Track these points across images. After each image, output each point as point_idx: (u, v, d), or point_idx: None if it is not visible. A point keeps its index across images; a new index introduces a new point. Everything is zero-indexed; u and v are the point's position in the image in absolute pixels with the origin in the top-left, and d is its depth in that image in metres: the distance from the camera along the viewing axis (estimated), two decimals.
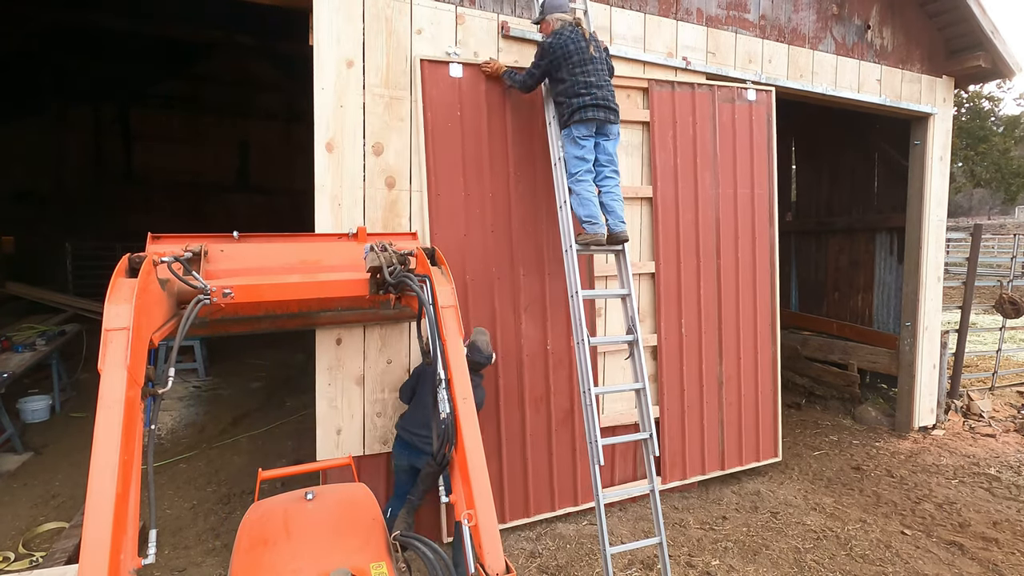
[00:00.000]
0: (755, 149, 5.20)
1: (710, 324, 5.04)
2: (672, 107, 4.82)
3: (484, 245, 4.17)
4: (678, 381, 4.92)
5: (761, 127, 5.23)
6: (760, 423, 5.33)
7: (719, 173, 5.03)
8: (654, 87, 4.74)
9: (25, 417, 6.22)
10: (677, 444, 4.92)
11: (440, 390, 2.39)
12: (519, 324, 4.27)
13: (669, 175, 4.82)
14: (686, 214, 4.90)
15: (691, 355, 4.96)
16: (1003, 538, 4.39)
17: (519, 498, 4.30)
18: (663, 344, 4.85)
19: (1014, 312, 7.82)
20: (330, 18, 3.73)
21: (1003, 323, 8.33)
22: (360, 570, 1.99)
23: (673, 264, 4.87)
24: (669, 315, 4.88)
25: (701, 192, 4.95)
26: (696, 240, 4.96)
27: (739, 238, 5.14)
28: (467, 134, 4.10)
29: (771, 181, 5.30)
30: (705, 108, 4.96)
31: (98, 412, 1.68)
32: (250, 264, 2.92)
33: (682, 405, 4.94)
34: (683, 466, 4.95)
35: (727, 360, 5.12)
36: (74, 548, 3.71)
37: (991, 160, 23.86)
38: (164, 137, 14.05)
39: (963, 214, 39.55)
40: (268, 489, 4.43)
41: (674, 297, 4.89)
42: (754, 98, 5.16)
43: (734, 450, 5.21)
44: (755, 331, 5.27)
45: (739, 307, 5.16)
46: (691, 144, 4.90)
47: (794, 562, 4.02)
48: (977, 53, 6.02)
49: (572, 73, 3.73)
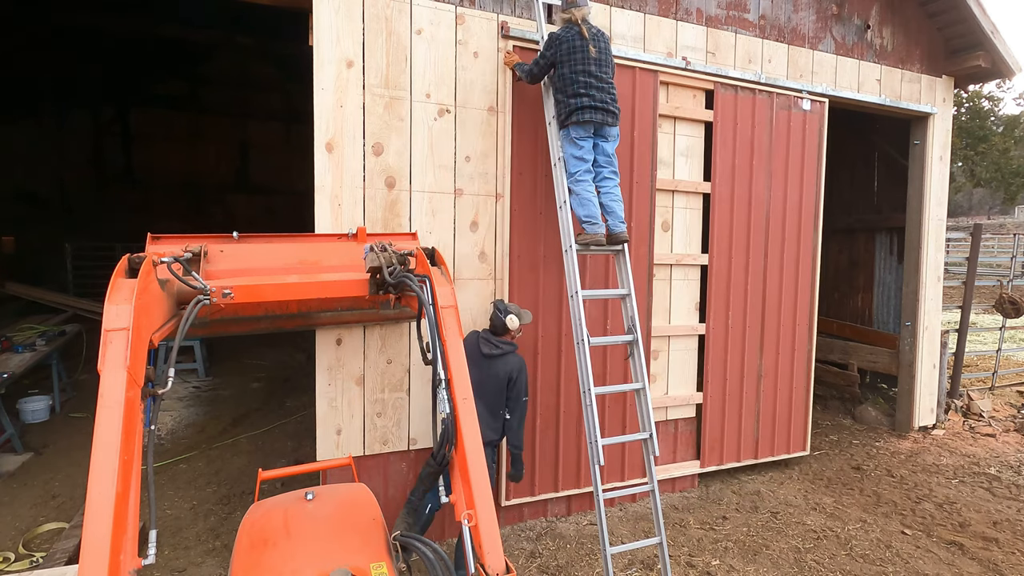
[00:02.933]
0: (806, 156, 5.49)
1: (754, 318, 5.31)
2: (734, 110, 5.09)
3: (535, 227, 4.37)
4: (721, 371, 5.20)
5: (813, 136, 5.52)
6: (792, 417, 5.61)
7: (772, 175, 5.31)
8: (719, 89, 5.01)
9: (25, 417, 6.22)
10: (717, 430, 5.20)
11: (440, 390, 2.39)
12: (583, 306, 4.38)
13: (727, 174, 5.09)
14: (739, 212, 5.16)
15: (734, 347, 5.24)
16: (1003, 538, 4.39)
17: (571, 471, 4.57)
18: (710, 334, 5.12)
19: (1014, 312, 7.82)
20: (330, 18, 3.73)
21: (1003, 323, 8.33)
22: (360, 570, 1.99)
23: (724, 259, 5.13)
24: (717, 307, 5.14)
25: (754, 192, 5.23)
26: (747, 237, 5.21)
27: (785, 239, 5.41)
28: (540, 127, 4.29)
29: (819, 187, 5.59)
30: (763, 113, 5.24)
31: (98, 412, 1.68)
32: (250, 264, 2.92)
33: (724, 394, 5.21)
34: (721, 452, 5.24)
35: (767, 354, 5.41)
36: (74, 548, 3.72)
37: (991, 160, 23.89)
38: (164, 137, 14.06)
39: (963, 214, 39.56)
40: (268, 489, 4.43)
41: (723, 290, 5.15)
42: (808, 108, 5.46)
43: (767, 441, 5.48)
44: (793, 329, 5.54)
45: (781, 304, 5.43)
46: (748, 146, 5.18)
47: (794, 562, 4.02)
48: (977, 53, 6.02)
49: (574, 71, 3.72)
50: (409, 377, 4.06)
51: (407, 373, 4.05)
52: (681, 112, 4.90)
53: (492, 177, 4.26)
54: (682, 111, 4.90)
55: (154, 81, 13.61)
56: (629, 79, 4.59)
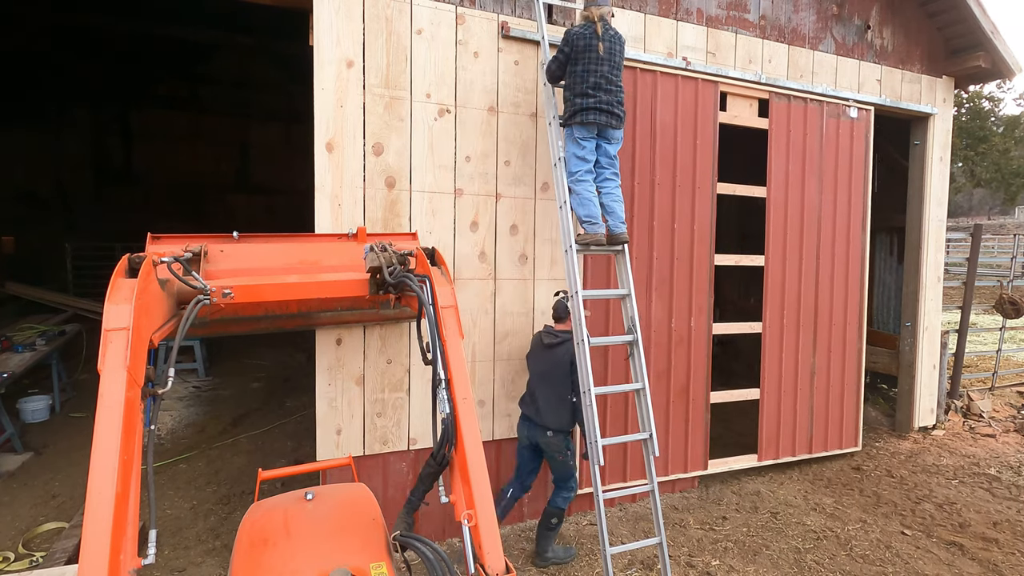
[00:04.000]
0: (853, 161, 5.71)
1: (807, 318, 5.54)
2: (787, 118, 5.34)
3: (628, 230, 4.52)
4: (777, 368, 5.42)
5: (860, 142, 5.73)
6: (844, 413, 5.82)
7: (822, 180, 5.54)
8: (773, 98, 5.27)
9: (25, 417, 6.22)
10: (772, 426, 5.43)
11: (440, 390, 2.39)
12: (649, 302, 4.77)
13: (780, 178, 5.35)
14: (792, 215, 5.41)
15: (789, 345, 5.47)
16: (1003, 538, 4.39)
17: (638, 461, 4.69)
18: (766, 332, 5.36)
19: (1014, 312, 7.82)
20: (330, 18, 3.73)
21: (1003, 323, 8.33)
22: (360, 570, 1.98)
23: (779, 260, 5.37)
24: (773, 306, 5.38)
25: (806, 196, 5.47)
26: (800, 239, 5.45)
27: (835, 241, 5.64)
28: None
29: (866, 191, 5.80)
30: (814, 121, 5.48)
31: (98, 412, 1.68)
32: (250, 264, 2.92)
33: (779, 390, 5.43)
34: (776, 446, 5.45)
35: (819, 352, 5.63)
36: (74, 548, 3.72)
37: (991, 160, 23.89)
38: (164, 137, 14.06)
39: (963, 214, 39.54)
40: (268, 489, 4.43)
41: (778, 290, 5.39)
42: (856, 115, 5.67)
43: (820, 436, 5.70)
44: (844, 327, 5.75)
45: (832, 304, 5.65)
46: (801, 152, 5.42)
47: (794, 562, 4.02)
48: (977, 53, 6.02)
49: (586, 69, 3.72)
50: (409, 377, 4.06)
51: (407, 373, 4.05)
52: (738, 120, 5.17)
53: (492, 177, 4.26)
54: (739, 119, 5.17)
55: (154, 81, 13.61)
56: (692, 90, 4.87)
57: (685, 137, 4.85)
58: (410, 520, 2.38)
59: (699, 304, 4.98)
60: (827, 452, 5.72)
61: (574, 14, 4.46)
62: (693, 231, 4.91)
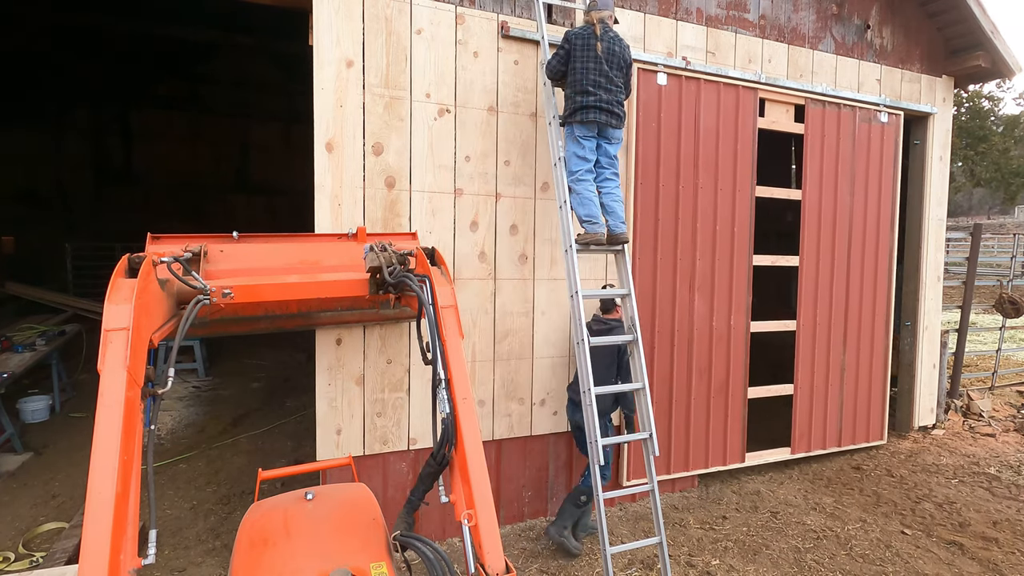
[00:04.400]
0: (883, 165, 5.91)
1: (838, 315, 5.74)
2: (822, 123, 5.52)
3: (672, 232, 4.88)
4: (810, 364, 5.62)
5: (889, 146, 5.94)
6: (871, 408, 6.03)
7: (854, 182, 5.73)
8: (809, 104, 5.44)
9: (25, 417, 6.22)
10: (805, 420, 5.63)
11: (440, 390, 2.39)
12: (692, 301, 4.97)
13: (815, 181, 5.54)
14: (825, 217, 5.60)
15: (821, 342, 5.66)
16: (1003, 538, 4.39)
17: (681, 453, 5.01)
18: (800, 330, 5.56)
19: (1014, 312, 7.82)
20: (330, 18, 3.73)
21: (1003, 323, 8.33)
22: (360, 570, 1.98)
23: (813, 260, 5.57)
24: (807, 304, 5.58)
25: (839, 198, 5.67)
26: (832, 240, 5.65)
27: (865, 241, 5.84)
28: (664, 135, 4.77)
29: (894, 192, 6.01)
30: (847, 126, 5.66)
31: (98, 412, 1.68)
32: (250, 264, 2.92)
33: (811, 386, 5.63)
34: (808, 440, 5.67)
35: (849, 349, 5.82)
36: (74, 548, 3.72)
37: (991, 160, 23.90)
38: (164, 137, 14.07)
39: (963, 214, 39.54)
40: (268, 489, 4.43)
41: (811, 289, 5.59)
42: (886, 120, 5.88)
43: (849, 430, 5.90)
44: (872, 324, 5.97)
45: (861, 301, 5.87)
46: (834, 156, 5.61)
47: (794, 562, 4.02)
48: (977, 53, 6.02)
49: (585, 67, 3.73)
50: (409, 377, 4.06)
51: (407, 373, 4.05)
52: (776, 125, 5.35)
53: (492, 177, 4.26)
54: (777, 124, 5.35)
55: (154, 81, 13.61)
56: (733, 96, 5.07)
57: (726, 142, 5.05)
58: (410, 520, 2.38)
59: (738, 303, 5.17)
60: (855, 445, 5.94)
61: (574, 14, 4.47)
62: (733, 232, 5.10)
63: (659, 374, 4.83)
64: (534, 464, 4.53)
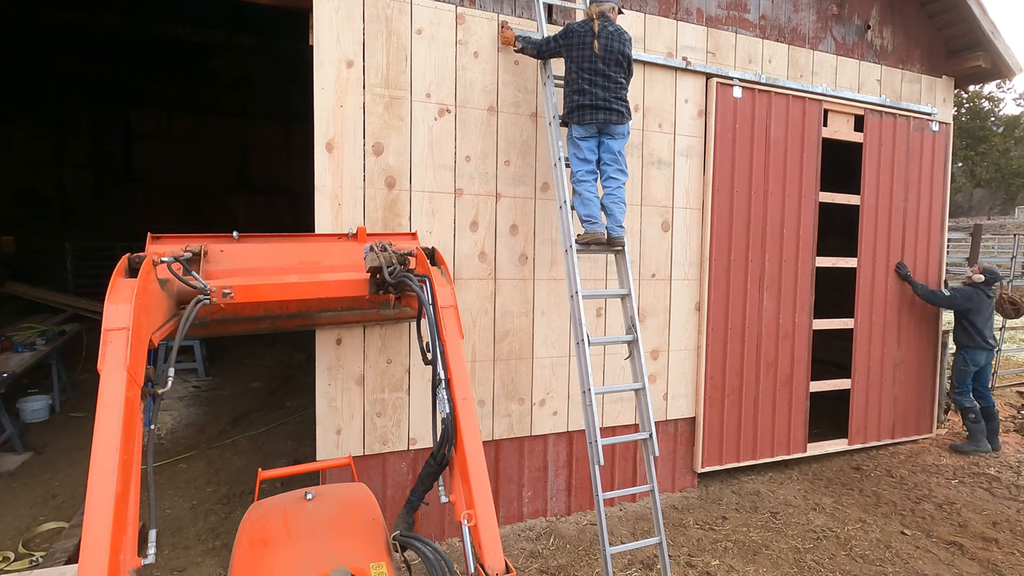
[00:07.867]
0: (934, 171, 6.23)
1: (891, 313, 6.08)
2: (879, 131, 5.81)
3: (744, 235, 5.17)
4: (865, 360, 5.93)
5: (940, 153, 6.25)
6: (921, 403, 6.35)
7: (907, 188, 6.05)
8: (868, 115, 5.73)
9: (25, 417, 6.22)
10: (861, 413, 5.93)
11: (440, 390, 2.39)
12: (761, 300, 5.27)
13: (872, 187, 5.84)
14: (881, 219, 5.92)
15: (876, 339, 5.99)
16: (1003, 538, 4.39)
17: (749, 442, 5.31)
18: (858, 328, 5.88)
19: (1014, 312, 7.79)
20: (330, 18, 3.73)
21: (1003, 323, 8.32)
22: (360, 570, 1.98)
23: (869, 260, 5.90)
24: (863, 303, 5.90)
25: (894, 203, 5.98)
26: (887, 241, 5.98)
27: (917, 243, 6.18)
28: (738, 144, 5.07)
29: (944, 197, 6.34)
30: (902, 134, 5.95)
31: (98, 412, 1.68)
32: (250, 264, 2.92)
33: (867, 381, 5.93)
34: (864, 432, 5.97)
35: (901, 345, 6.16)
36: (74, 548, 3.71)
37: (991, 160, 23.90)
38: (164, 137, 14.05)
39: (963, 214, 39.52)
40: (268, 489, 4.43)
41: (867, 288, 5.91)
42: (936, 129, 6.18)
43: (900, 423, 6.21)
44: (922, 321, 6.30)
45: (913, 300, 6.18)
46: (890, 163, 5.91)
47: (794, 562, 4.02)
48: (977, 53, 6.01)
49: (580, 66, 3.70)
50: (409, 377, 4.06)
51: (407, 373, 4.05)
52: (838, 135, 5.62)
53: (492, 177, 4.26)
54: (839, 134, 5.63)
55: (154, 81, 13.60)
56: (800, 108, 5.36)
57: (793, 150, 5.34)
58: (410, 520, 2.38)
59: (802, 302, 5.48)
60: (905, 438, 6.25)
61: (574, 14, 4.47)
62: (798, 235, 5.40)
63: (731, 367, 5.15)
64: (534, 464, 4.53)
